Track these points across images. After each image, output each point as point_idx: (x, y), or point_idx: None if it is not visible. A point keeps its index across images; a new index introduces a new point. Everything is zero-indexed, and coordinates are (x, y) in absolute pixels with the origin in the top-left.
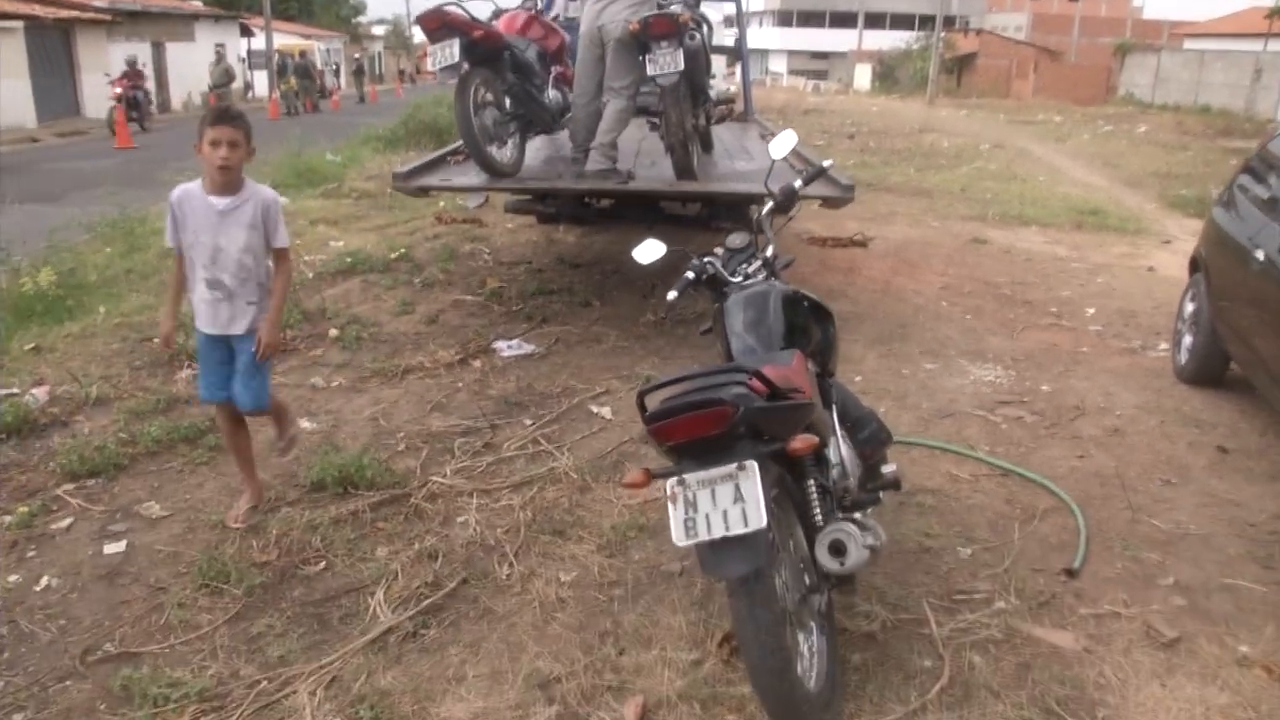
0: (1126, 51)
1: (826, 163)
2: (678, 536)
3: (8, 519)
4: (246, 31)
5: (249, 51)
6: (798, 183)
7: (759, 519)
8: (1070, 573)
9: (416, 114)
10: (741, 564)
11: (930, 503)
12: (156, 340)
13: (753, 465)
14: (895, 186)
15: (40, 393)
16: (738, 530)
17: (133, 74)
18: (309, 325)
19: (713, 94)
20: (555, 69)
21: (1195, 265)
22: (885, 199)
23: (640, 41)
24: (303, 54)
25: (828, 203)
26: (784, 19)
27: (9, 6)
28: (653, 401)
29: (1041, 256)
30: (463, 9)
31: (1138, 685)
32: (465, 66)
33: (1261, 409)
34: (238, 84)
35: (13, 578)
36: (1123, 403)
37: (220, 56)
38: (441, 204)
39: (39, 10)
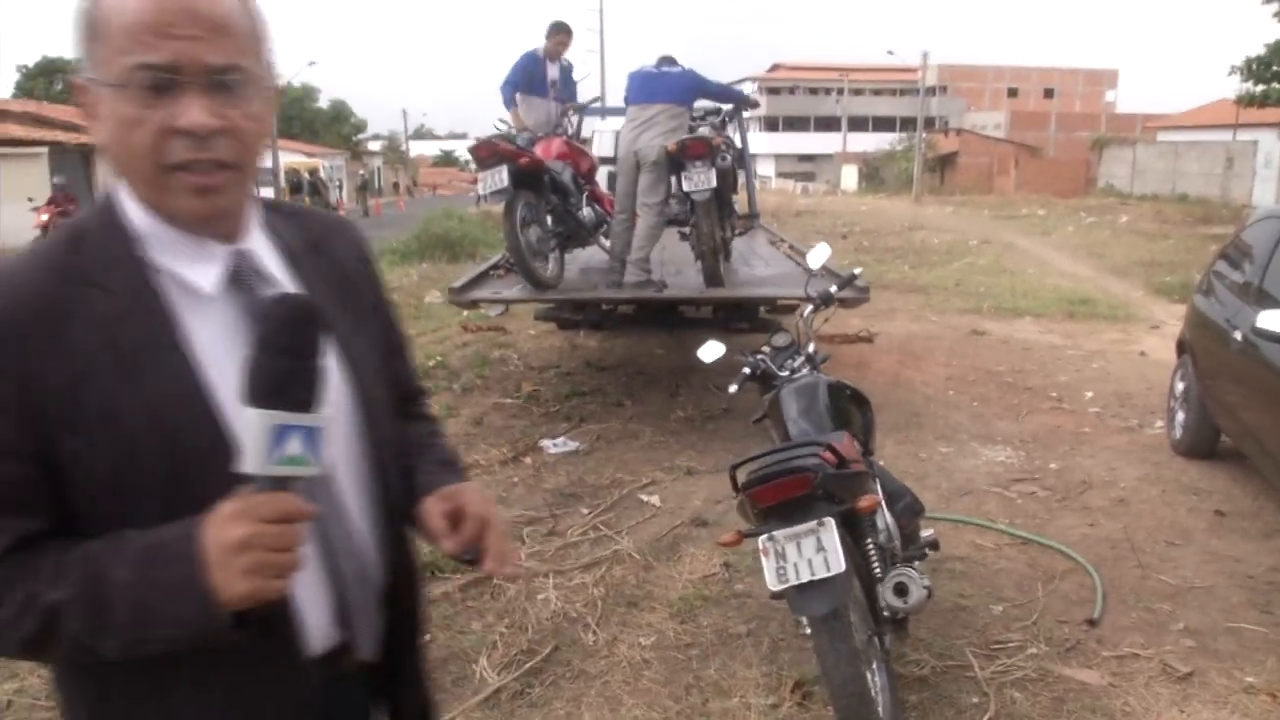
0: (1103, 145)
1: (856, 270)
2: (771, 583)
3: None
4: None
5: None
6: (833, 288)
7: (839, 564)
8: (1091, 622)
9: (429, 227)
10: (825, 603)
11: (961, 568)
12: None
13: (830, 520)
14: (892, 283)
15: None
16: (821, 575)
17: (62, 199)
18: None
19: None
20: (587, 188)
21: (1182, 347)
22: (884, 296)
23: (675, 161)
24: (313, 171)
25: (845, 304)
26: (770, 124)
27: None
28: (742, 474)
29: (1038, 345)
30: (507, 138)
31: (1159, 712)
32: (511, 190)
33: (1253, 476)
34: None
35: None
36: (1125, 476)
37: None
38: (465, 313)
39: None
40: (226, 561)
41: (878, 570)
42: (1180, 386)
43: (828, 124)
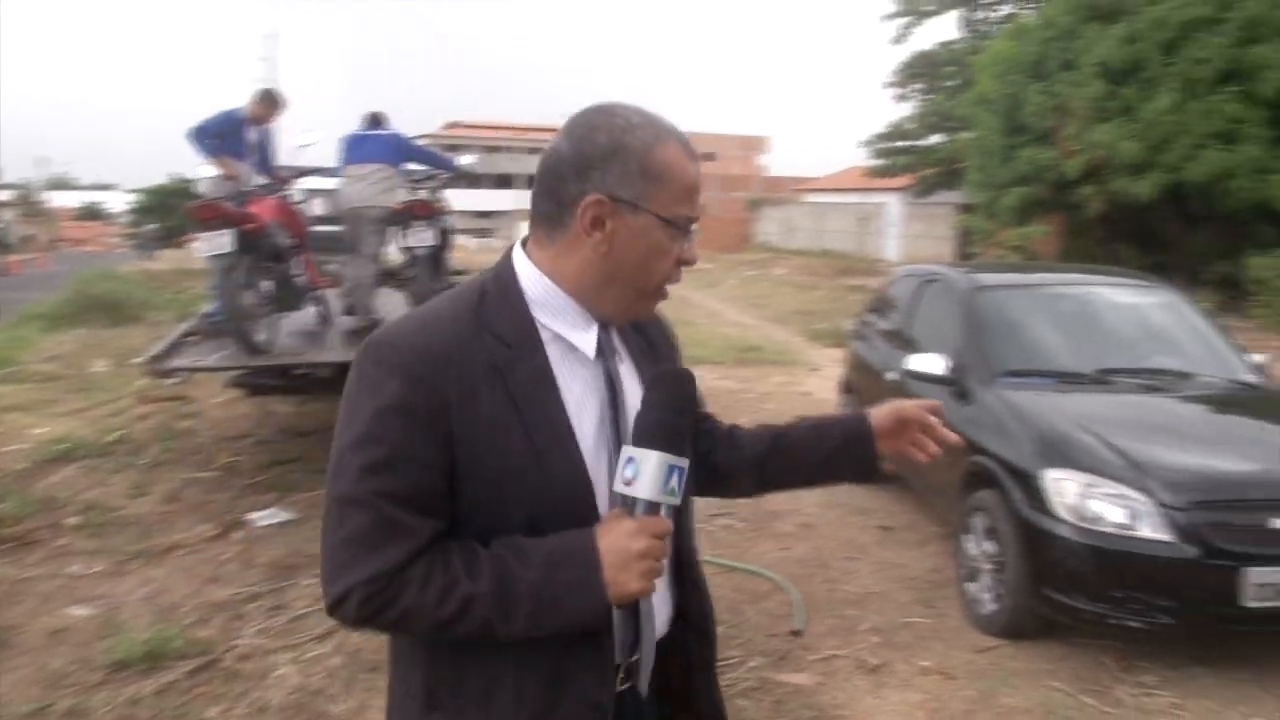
0: (758, 205)
1: None
2: None
3: None
4: None
5: None
6: None
7: None
8: (796, 633)
9: (84, 288)
10: None
11: None
12: None
13: None
14: None
15: None
16: None
17: None
18: (43, 515)
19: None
20: (301, 253)
21: (845, 387)
22: None
23: (400, 219)
24: None
25: None
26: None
27: None
28: None
29: (716, 390)
30: (230, 197)
31: (860, 700)
32: (235, 254)
33: (908, 494)
34: None
35: None
36: (807, 503)
37: None
38: (138, 383)
39: None
40: (627, 565)
41: None
42: None
43: (505, 181)
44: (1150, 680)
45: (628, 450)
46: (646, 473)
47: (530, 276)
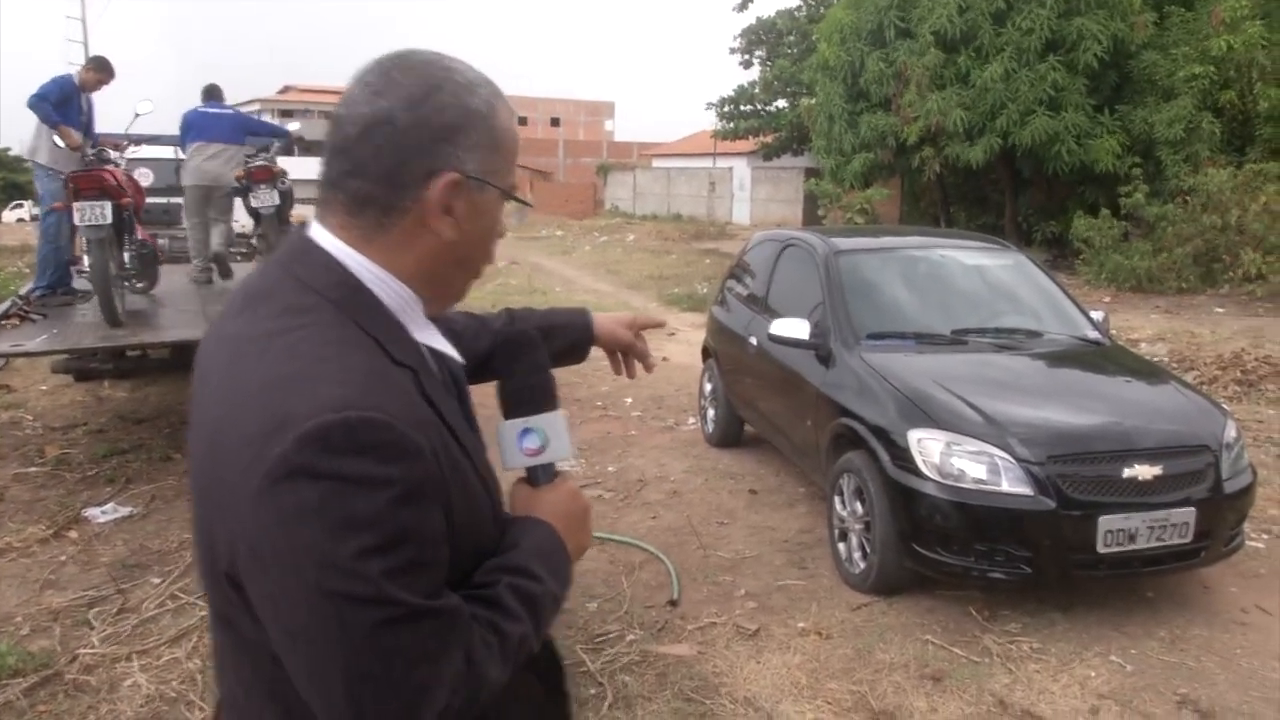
0: (607, 171)
1: None
2: None
3: None
4: None
5: None
6: None
7: None
8: (673, 603)
9: None
10: None
11: None
12: None
13: None
14: None
15: None
16: None
17: None
18: None
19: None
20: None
21: (707, 353)
22: None
23: (244, 186)
24: None
25: None
26: (284, 148)
27: None
28: None
29: None
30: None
31: (740, 666)
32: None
33: (774, 457)
34: None
35: None
36: (674, 470)
37: None
38: None
39: None
40: (584, 526)
41: None
42: (709, 387)
43: None
44: (1014, 628)
45: (518, 424)
46: (557, 433)
47: (375, 278)
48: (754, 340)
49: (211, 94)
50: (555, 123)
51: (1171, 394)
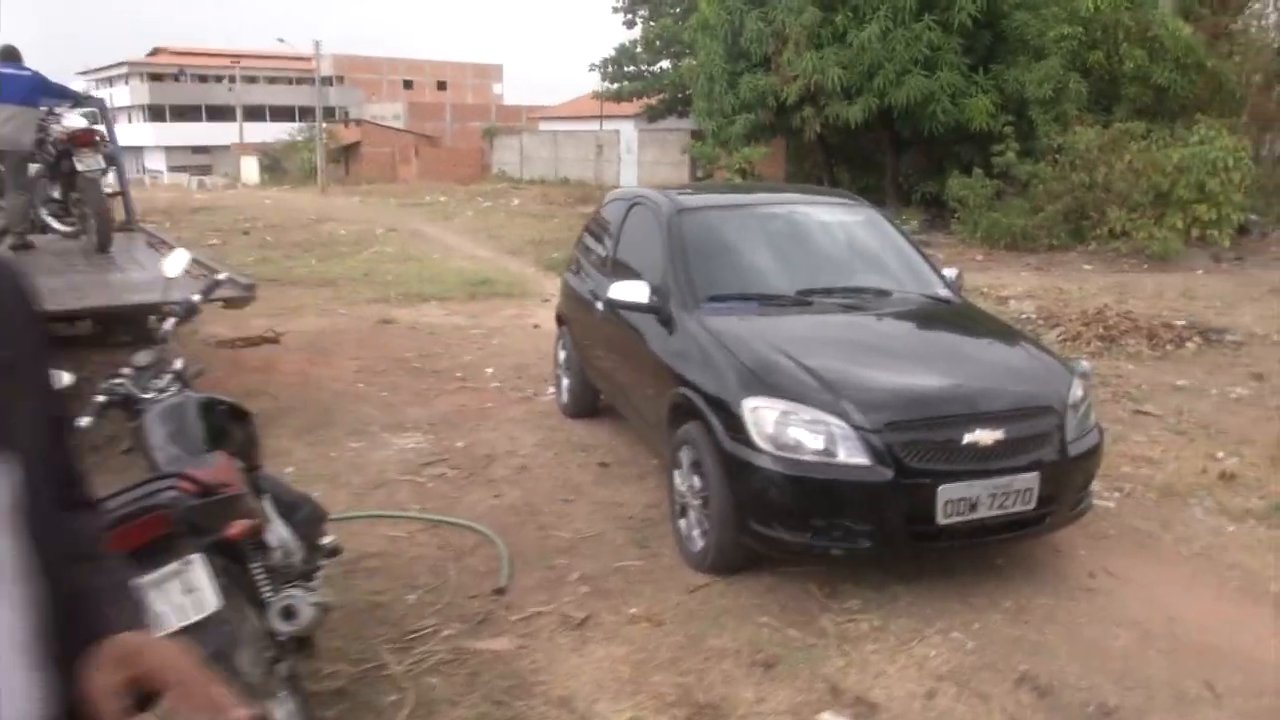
0: (494, 135)
1: (221, 274)
2: None
3: None
4: None
5: None
6: (196, 296)
7: (211, 603)
8: (500, 591)
9: None
10: (203, 648)
11: (375, 565)
12: None
13: (197, 558)
14: (300, 279)
15: None
16: (194, 618)
17: None
18: None
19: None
20: None
21: (561, 319)
22: (291, 293)
23: (66, 149)
24: None
25: (230, 304)
26: (156, 113)
27: None
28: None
29: (443, 328)
30: None
31: (561, 661)
32: None
33: (626, 427)
34: None
35: None
36: (525, 443)
37: None
38: None
39: None
40: None
41: (269, 595)
42: (562, 355)
43: (222, 113)
44: (854, 605)
45: None
46: None
47: None
48: (600, 305)
49: (9, 55)
50: (442, 86)
51: (1018, 354)
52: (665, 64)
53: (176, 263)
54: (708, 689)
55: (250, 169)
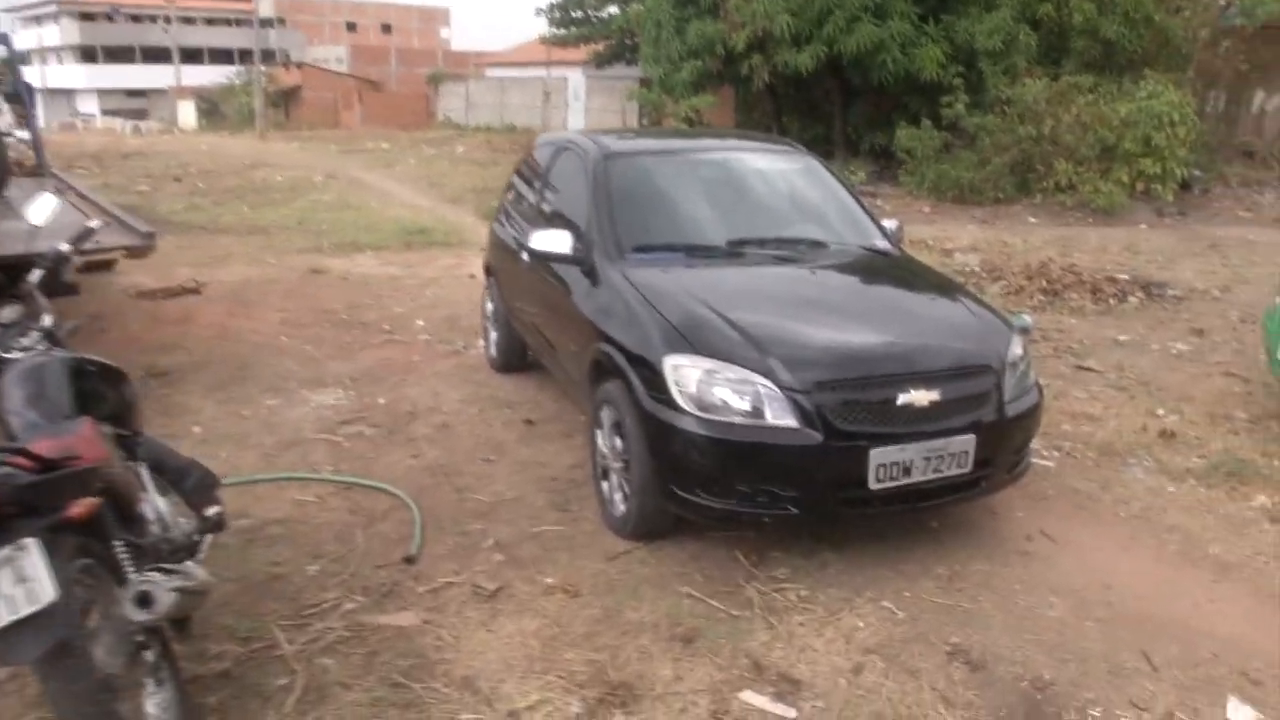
0: (439, 81)
1: (93, 221)
2: None
3: None
4: None
5: None
6: (64, 245)
7: (48, 593)
8: (410, 560)
9: None
10: (40, 643)
11: (278, 532)
12: None
13: (31, 542)
14: (230, 227)
15: None
16: (27, 610)
17: None
18: None
19: None
20: None
21: (488, 270)
22: (220, 241)
23: None
24: None
25: (132, 253)
26: (88, 55)
27: None
28: None
29: (376, 279)
30: None
31: (469, 637)
32: None
33: (554, 382)
34: None
35: None
36: (449, 400)
37: None
38: None
39: None
40: None
41: (132, 577)
42: (490, 307)
43: (158, 55)
44: (782, 573)
45: None
46: None
47: None
48: (526, 255)
49: None
50: (387, 29)
51: (956, 309)
52: (613, 9)
53: (42, 209)
54: (622, 666)
55: (187, 114)
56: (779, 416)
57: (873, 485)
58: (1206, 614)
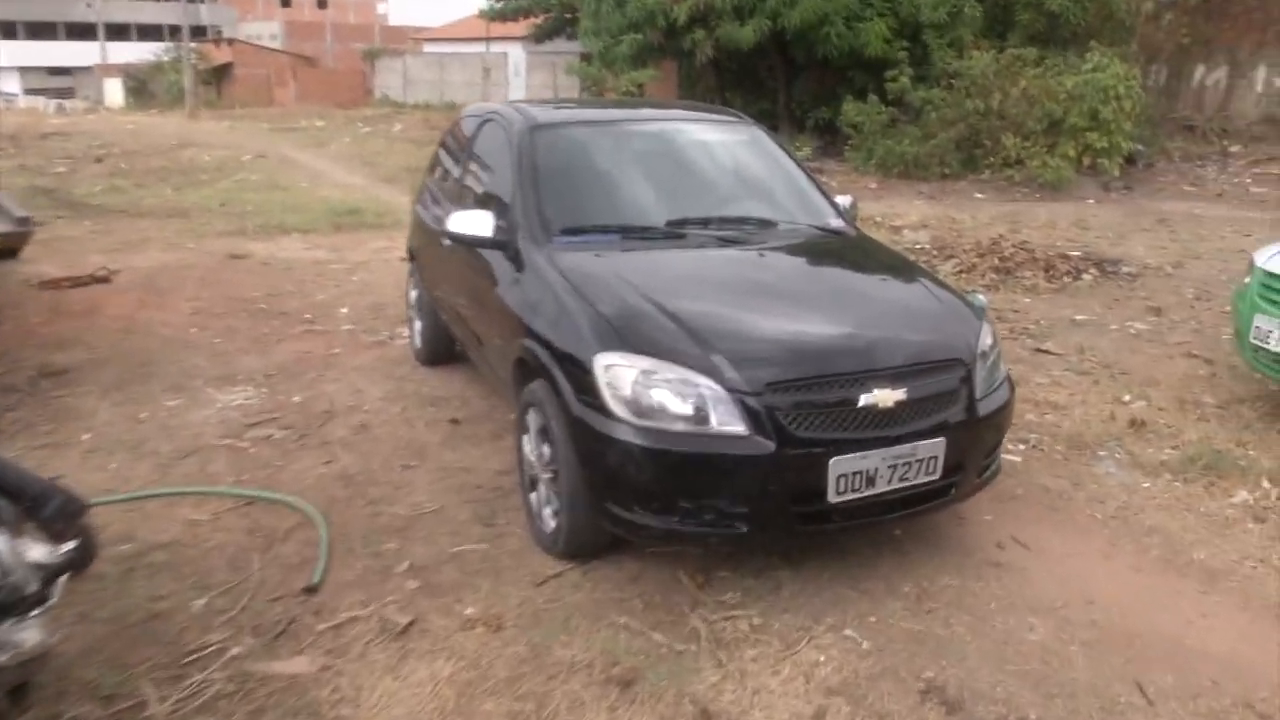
0: (376, 57)
1: None
2: None
3: None
4: None
5: None
6: None
7: None
8: (311, 590)
9: None
10: None
11: (163, 559)
12: None
13: None
14: (150, 210)
15: None
16: None
17: None
18: None
19: None
20: None
21: (411, 255)
22: (138, 225)
23: None
24: None
25: (4, 243)
26: (7, 30)
27: None
28: None
29: (300, 263)
30: None
31: (372, 686)
32: None
33: (482, 377)
34: None
35: None
36: (370, 397)
37: None
38: None
39: None
40: None
41: None
42: (414, 294)
43: (83, 31)
44: (732, 597)
45: None
46: None
47: None
48: (447, 240)
49: None
50: (322, 4)
51: (920, 295)
52: None
53: None
54: (549, 718)
55: (114, 92)
56: (725, 422)
57: (832, 498)
58: (1199, 630)
